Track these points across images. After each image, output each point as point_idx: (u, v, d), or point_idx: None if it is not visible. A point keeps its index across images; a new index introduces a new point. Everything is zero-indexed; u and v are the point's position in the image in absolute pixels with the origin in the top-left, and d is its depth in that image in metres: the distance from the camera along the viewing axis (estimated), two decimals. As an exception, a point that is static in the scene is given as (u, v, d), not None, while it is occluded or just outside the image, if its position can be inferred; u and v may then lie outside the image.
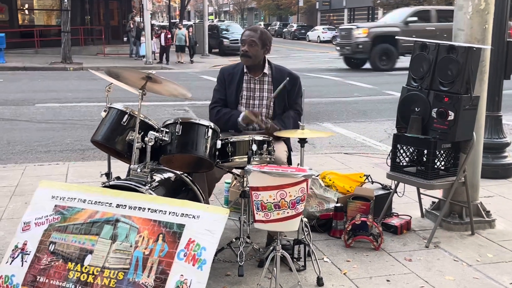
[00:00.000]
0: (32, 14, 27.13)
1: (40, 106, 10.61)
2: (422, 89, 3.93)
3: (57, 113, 9.89)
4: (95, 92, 12.28)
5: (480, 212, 4.26)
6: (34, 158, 6.57)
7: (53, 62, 20.20)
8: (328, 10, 57.64)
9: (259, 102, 3.91)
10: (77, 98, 11.68)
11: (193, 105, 10.64)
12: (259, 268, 3.41)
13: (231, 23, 40.76)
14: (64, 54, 20.20)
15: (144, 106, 3.30)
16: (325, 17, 58.61)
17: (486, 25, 4.05)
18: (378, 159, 6.30)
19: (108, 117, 3.33)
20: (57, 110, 10.23)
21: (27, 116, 9.49)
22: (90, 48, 26.25)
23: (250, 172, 2.70)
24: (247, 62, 3.86)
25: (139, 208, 2.80)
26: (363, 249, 3.78)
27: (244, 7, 73.19)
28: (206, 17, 29.09)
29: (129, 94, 3.74)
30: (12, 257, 2.86)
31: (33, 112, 9.93)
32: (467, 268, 3.55)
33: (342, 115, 10.07)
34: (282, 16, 62.63)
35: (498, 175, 5.57)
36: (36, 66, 19.33)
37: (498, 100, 5.58)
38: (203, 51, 26.69)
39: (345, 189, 4.37)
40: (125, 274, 2.64)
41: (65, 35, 20.03)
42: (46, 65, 19.67)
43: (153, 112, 9.32)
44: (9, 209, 4.54)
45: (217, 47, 29.26)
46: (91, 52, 25.55)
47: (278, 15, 62.63)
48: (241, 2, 71.79)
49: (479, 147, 4.29)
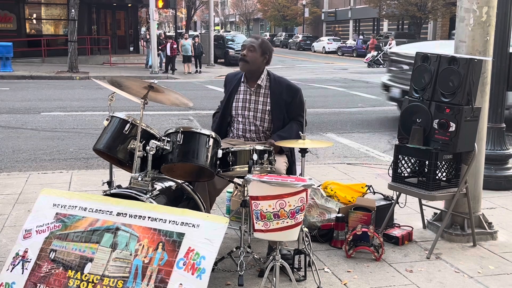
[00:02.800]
0: (39, 24, 27.32)
1: (45, 115, 10.67)
2: (424, 100, 3.93)
3: (62, 121, 9.94)
4: (100, 101, 12.36)
5: (482, 224, 4.24)
6: (38, 166, 6.60)
7: (60, 71, 20.32)
8: (333, 21, 57.82)
9: (253, 113, 3.87)
10: (82, 107, 11.73)
11: (198, 114, 10.67)
12: (260, 278, 3.39)
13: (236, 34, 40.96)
14: (70, 64, 20.32)
15: (149, 115, 3.33)
16: (331, 28, 58.79)
17: (487, 37, 4.06)
18: (381, 170, 6.29)
19: (110, 126, 3.35)
20: (62, 118, 10.28)
21: (33, 125, 9.55)
22: (97, 58, 26.41)
23: (250, 182, 2.71)
24: (244, 67, 3.83)
25: (139, 217, 2.80)
26: (364, 260, 3.77)
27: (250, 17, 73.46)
28: (212, 27, 29.24)
29: (134, 103, 3.76)
30: (13, 264, 2.86)
31: (39, 121, 9.98)
32: (468, 280, 3.53)
33: (346, 125, 10.07)
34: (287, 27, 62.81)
35: (501, 186, 5.54)
36: (43, 75, 19.45)
37: (501, 111, 5.57)
38: (208, 61, 26.81)
39: (346, 200, 4.36)
40: (124, 283, 2.64)
41: (72, 45, 20.15)
42: (53, 74, 19.79)
43: (158, 121, 9.34)
44: (12, 216, 4.55)
45: (222, 57, 29.38)
46: (97, 62, 25.70)
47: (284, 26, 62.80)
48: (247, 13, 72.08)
49: (480, 158, 4.28)
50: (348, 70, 25.22)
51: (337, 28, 57.28)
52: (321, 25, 60.48)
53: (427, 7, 35.69)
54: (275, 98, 3.84)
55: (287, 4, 58.25)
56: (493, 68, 4.43)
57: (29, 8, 26.61)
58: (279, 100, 3.83)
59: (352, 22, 54.09)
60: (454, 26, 4.40)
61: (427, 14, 36.52)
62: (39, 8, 27.21)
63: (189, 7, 45.11)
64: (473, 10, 4.01)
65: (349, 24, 54.60)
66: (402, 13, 37.75)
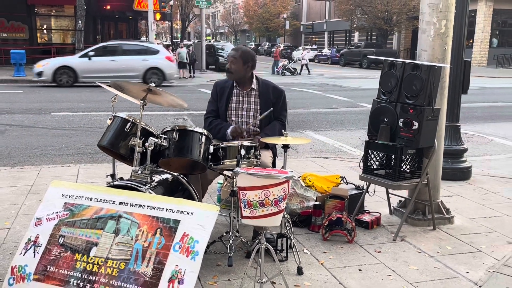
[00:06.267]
0: (49, 34, 26.96)
1: (55, 115, 10.52)
2: (390, 102, 3.94)
3: (70, 121, 9.80)
4: (105, 102, 12.21)
5: (441, 210, 4.27)
6: (49, 161, 6.50)
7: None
8: (311, 32, 57.85)
9: (246, 113, 3.88)
10: (89, 108, 11.59)
11: (192, 114, 10.60)
12: (247, 258, 3.38)
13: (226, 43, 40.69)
14: (77, 69, 20.00)
15: (147, 115, 3.30)
16: (308, 38, 58.81)
17: (446, 46, 4.08)
18: (352, 163, 6.31)
19: (113, 125, 3.30)
20: (70, 118, 10.14)
21: (44, 124, 9.41)
22: (101, 64, 26.05)
23: (238, 174, 2.68)
24: (230, 77, 3.85)
25: (139, 206, 2.77)
26: (338, 242, 3.77)
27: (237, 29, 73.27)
28: (204, 37, 29.05)
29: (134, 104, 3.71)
30: (25, 249, 2.81)
31: (49, 120, 9.84)
32: (429, 259, 3.55)
33: (322, 124, 10.08)
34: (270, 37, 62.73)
35: (457, 177, 5.60)
36: (53, 79, 19.12)
37: (457, 111, 5.62)
38: (201, 68, 26.64)
39: (323, 189, 4.37)
40: (126, 264, 2.61)
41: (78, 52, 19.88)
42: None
43: (155, 120, 9.27)
44: (25, 206, 4.48)
45: (213, 64, 29.21)
46: (102, 68, 25.34)
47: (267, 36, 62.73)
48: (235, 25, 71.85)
49: (440, 153, 4.30)
50: (323, 76, 25.24)
51: (314, 39, 57.29)
52: (300, 36, 60.50)
53: (393, 20, 35.83)
54: (263, 98, 3.84)
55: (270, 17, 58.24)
56: (451, 73, 4.45)
57: (40, 20, 26.24)
58: (267, 100, 3.83)
59: (327, 34, 54.12)
60: (416, 37, 4.41)
61: (393, 27, 36.68)
62: (49, 19, 26.84)
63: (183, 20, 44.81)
64: (433, 23, 4.03)
65: (324, 35, 54.63)
66: (371, 26, 37.87)
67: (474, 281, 3.22)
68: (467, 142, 6.04)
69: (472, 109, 12.02)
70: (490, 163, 6.68)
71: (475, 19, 32.59)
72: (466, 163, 5.72)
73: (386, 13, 34.96)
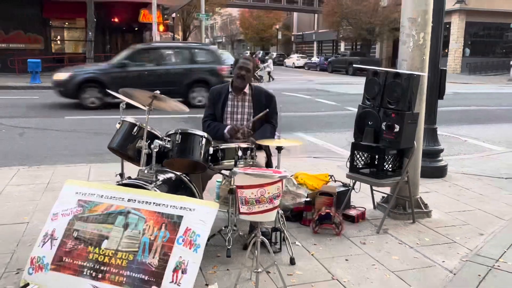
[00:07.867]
0: (63, 44, 26.84)
1: (68, 118, 10.48)
2: (374, 107, 3.96)
3: (82, 124, 9.77)
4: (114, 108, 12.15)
5: (419, 205, 4.29)
6: (63, 161, 6.46)
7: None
8: (301, 42, 57.94)
9: (241, 116, 3.88)
10: (99, 113, 11.53)
11: (193, 118, 10.58)
12: (244, 250, 3.39)
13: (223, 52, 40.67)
14: (88, 77, 19.95)
15: (152, 118, 3.28)
16: (299, 47, 58.87)
17: (424, 56, 4.10)
18: (340, 162, 6.30)
19: (121, 128, 3.31)
20: (82, 121, 10.10)
21: (58, 127, 9.36)
22: (110, 72, 25.97)
23: (236, 174, 2.69)
24: (242, 84, 3.82)
25: (146, 202, 2.77)
26: (327, 235, 3.78)
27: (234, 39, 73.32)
28: (204, 47, 28.94)
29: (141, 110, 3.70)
30: (43, 241, 2.81)
31: (63, 123, 9.79)
32: (409, 249, 3.57)
33: (312, 126, 10.08)
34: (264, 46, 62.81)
35: (434, 175, 5.62)
36: (66, 85, 19.04)
37: (434, 115, 5.64)
38: (201, 73, 26.52)
39: (313, 187, 4.37)
40: (135, 256, 2.61)
41: (89, 61, 19.81)
42: (74, 85, 19.38)
43: (160, 124, 9.20)
44: (42, 202, 4.46)
45: (212, 70, 29.10)
46: (111, 75, 25.26)
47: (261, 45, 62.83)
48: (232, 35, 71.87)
49: (419, 153, 4.32)
50: (313, 82, 25.25)
51: (304, 48, 57.35)
52: (291, 45, 60.57)
53: (375, 31, 35.93)
54: (256, 103, 3.84)
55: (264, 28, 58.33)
56: (428, 81, 4.47)
57: (54, 31, 26.13)
58: (259, 104, 3.83)
59: (316, 43, 54.19)
60: (397, 47, 4.44)
61: (376, 37, 36.80)
62: (62, 31, 26.73)
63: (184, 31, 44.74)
64: (412, 35, 4.05)
65: (313, 44, 54.70)
66: (356, 36, 37.94)
67: (449, 269, 3.25)
68: (443, 143, 6.05)
69: (447, 113, 12.05)
70: (464, 162, 6.71)
71: (449, 30, 32.74)
72: (442, 162, 5.75)
73: (369, 24, 35.05)
